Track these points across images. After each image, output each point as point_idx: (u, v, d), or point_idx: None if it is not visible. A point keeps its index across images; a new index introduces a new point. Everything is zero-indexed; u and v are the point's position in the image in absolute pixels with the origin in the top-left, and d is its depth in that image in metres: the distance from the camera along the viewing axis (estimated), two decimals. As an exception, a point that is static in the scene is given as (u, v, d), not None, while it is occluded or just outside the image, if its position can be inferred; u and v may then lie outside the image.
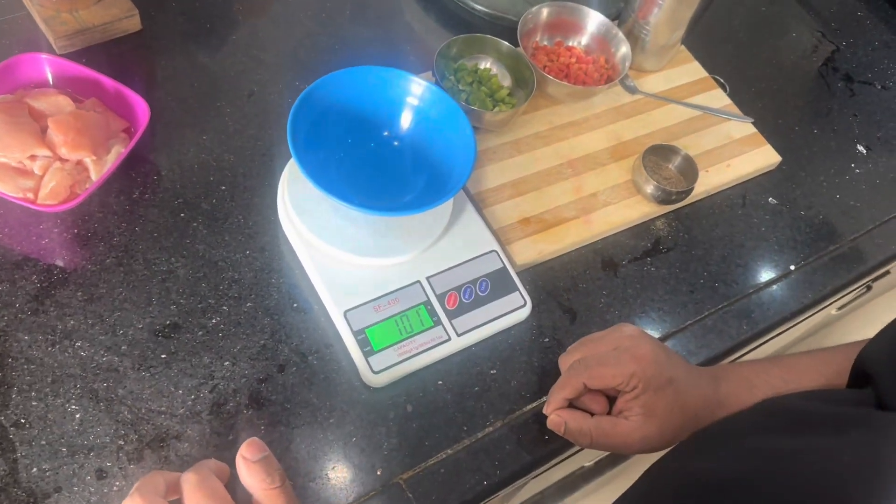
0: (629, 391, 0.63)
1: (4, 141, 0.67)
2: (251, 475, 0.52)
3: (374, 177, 0.76)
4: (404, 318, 0.71)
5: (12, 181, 0.67)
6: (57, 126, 0.69)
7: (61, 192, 0.68)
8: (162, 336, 0.67)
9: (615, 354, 0.65)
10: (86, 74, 0.75)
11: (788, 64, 1.09)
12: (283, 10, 0.92)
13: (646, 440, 0.63)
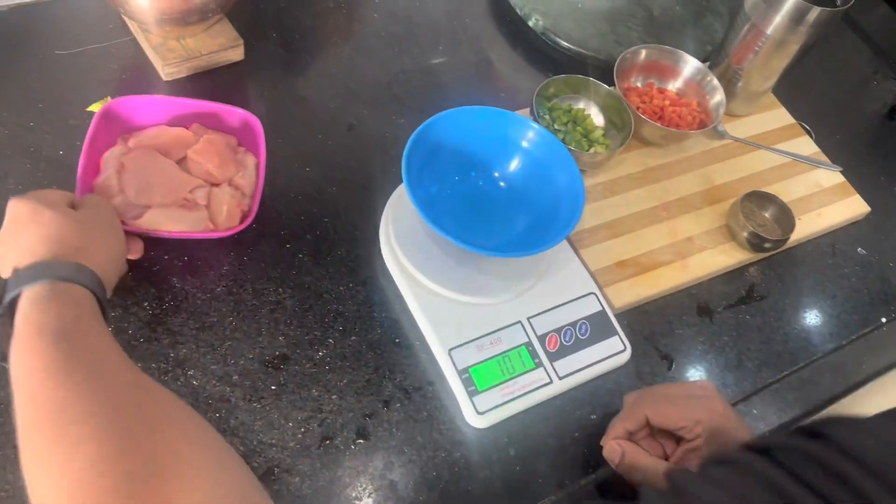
0: (691, 440, 0.62)
1: (166, 186, 0.69)
2: None
3: (479, 215, 0.76)
4: (506, 358, 0.71)
5: (188, 219, 0.69)
6: (199, 156, 0.71)
7: (235, 213, 0.70)
8: (272, 367, 0.68)
9: (685, 399, 0.64)
10: (178, 103, 0.76)
11: (869, 112, 1.09)
12: (377, 44, 0.94)
13: None
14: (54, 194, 0.61)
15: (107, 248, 0.61)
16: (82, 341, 0.50)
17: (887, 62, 1.16)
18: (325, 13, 0.95)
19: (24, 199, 0.59)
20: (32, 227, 0.57)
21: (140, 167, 0.70)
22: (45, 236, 0.57)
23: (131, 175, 0.70)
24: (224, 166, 0.72)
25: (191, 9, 0.78)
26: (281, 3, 0.94)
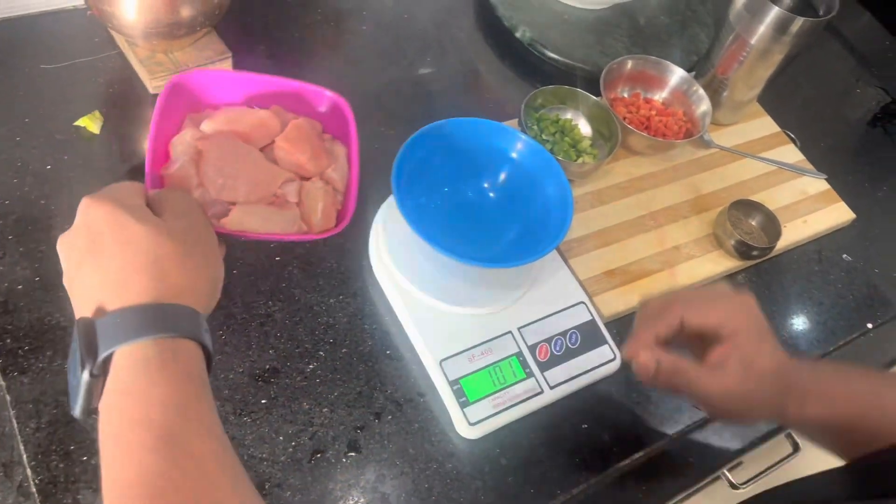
0: (727, 339, 0.58)
1: (252, 179, 0.57)
2: None
3: (469, 226, 0.76)
4: (497, 369, 0.71)
5: (279, 219, 0.58)
6: (289, 145, 0.60)
7: (330, 212, 0.60)
8: (262, 381, 0.68)
9: (725, 299, 0.60)
10: (255, 80, 0.64)
11: (854, 120, 1.10)
12: (366, 56, 0.94)
13: (744, 399, 0.58)
14: (131, 191, 0.50)
15: (208, 274, 0.51)
16: (184, 446, 0.42)
17: (870, 70, 1.17)
18: (312, 25, 0.95)
19: (102, 202, 0.47)
20: (119, 248, 0.46)
21: (220, 156, 0.58)
22: (138, 264, 0.46)
23: (210, 165, 0.58)
24: (317, 158, 0.61)
25: (178, 22, 0.78)
26: (269, 16, 0.94)
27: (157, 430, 0.42)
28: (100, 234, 0.47)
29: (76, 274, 0.47)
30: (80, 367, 0.43)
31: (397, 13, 0.99)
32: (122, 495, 0.41)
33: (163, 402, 0.42)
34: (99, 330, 0.44)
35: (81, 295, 0.47)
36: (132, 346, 0.43)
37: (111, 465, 0.42)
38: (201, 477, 0.42)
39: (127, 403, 0.43)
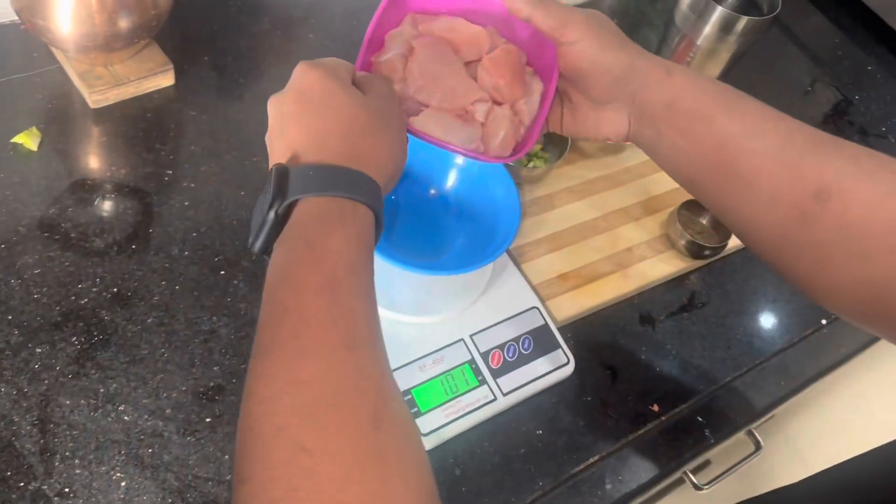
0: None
1: (450, 89, 0.59)
2: None
3: (418, 234, 0.75)
4: (449, 377, 0.70)
5: (461, 133, 0.60)
6: (493, 67, 0.61)
7: (509, 142, 0.61)
8: (206, 399, 0.66)
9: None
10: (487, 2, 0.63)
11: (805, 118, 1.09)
12: (314, 64, 0.93)
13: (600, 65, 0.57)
14: (343, 67, 0.54)
15: (395, 153, 0.54)
16: (342, 297, 0.45)
17: (822, 69, 1.18)
18: (260, 35, 0.94)
19: (316, 69, 0.52)
20: (323, 110, 0.50)
21: (428, 58, 0.60)
22: (337, 128, 0.50)
23: (417, 64, 0.60)
24: (514, 85, 0.61)
25: (115, 34, 0.76)
26: (214, 26, 0.93)
27: (324, 276, 0.45)
28: (309, 95, 0.51)
29: (280, 128, 0.52)
30: (269, 207, 0.47)
31: (346, 20, 0.98)
32: (279, 319, 0.44)
33: (334, 253, 0.46)
34: (292, 176, 0.48)
35: (281, 147, 0.51)
36: (318, 198, 0.47)
37: (274, 295, 0.45)
38: (349, 328, 0.44)
39: (302, 248, 0.46)
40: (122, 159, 0.79)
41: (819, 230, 0.51)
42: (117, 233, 0.74)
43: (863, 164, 0.50)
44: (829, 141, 0.52)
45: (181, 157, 0.80)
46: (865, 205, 0.49)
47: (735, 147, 0.54)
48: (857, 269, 0.50)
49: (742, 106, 0.56)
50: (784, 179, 0.52)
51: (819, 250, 0.52)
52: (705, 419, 0.76)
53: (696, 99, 0.56)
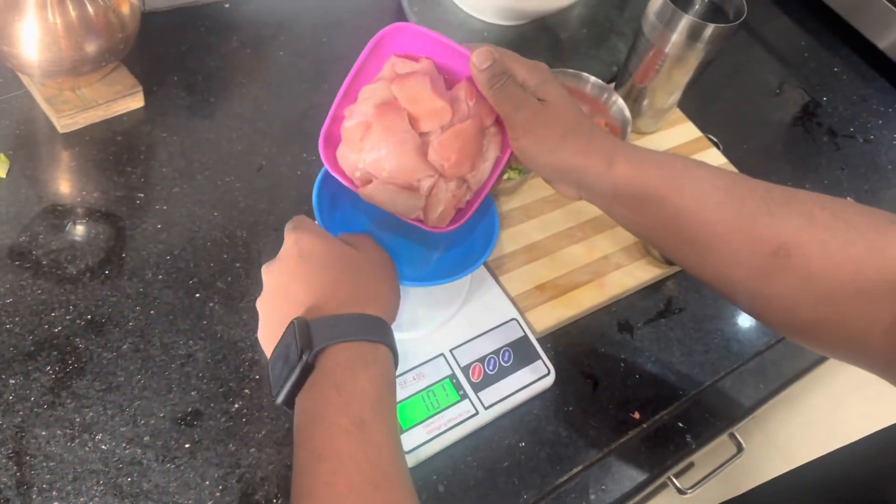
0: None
1: (397, 162, 0.62)
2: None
3: (395, 247, 0.75)
4: (430, 393, 0.70)
5: (402, 203, 0.65)
6: (442, 148, 0.63)
7: (448, 214, 0.67)
8: (185, 424, 0.65)
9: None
10: (460, 55, 0.64)
11: (775, 121, 1.12)
12: (285, 82, 0.92)
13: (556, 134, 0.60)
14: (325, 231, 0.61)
15: (394, 292, 0.61)
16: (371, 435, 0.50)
17: (789, 71, 1.20)
18: (229, 54, 0.93)
19: (308, 233, 0.58)
20: (329, 266, 0.57)
21: (384, 132, 0.62)
22: (345, 279, 0.56)
23: (372, 139, 0.63)
24: (462, 163, 0.64)
25: (82, 58, 0.75)
26: (182, 46, 0.92)
27: (353, 418, 0.49)
28: (310, 256, 0.57)
29: (284, 293, 0.57)
30: (298, 358, 0.51)
31: (315, 38, 0.98)
32: (315, 466, 0.48)
33: (361, 395, 0.50)
34: (314, 328, 0.52)
35: (289, 308, 0.55)
36: (343, 344, 0.52)
37: (308, 440, 0.50)
38: (378, 463, 0.49)
39: (332, 393, 0.50)
40: (93, 183, 0.78)
41: (783, 284, 0.54)
42: (90, 258, 0.73)
43: (817, 219, 0.53)
44: (781, 199, 0.55)
45: (153, 180, 0.80)
46: (825, 257, 0.52)
47: (690, 221, 0.57)
48: (822, 312, 0.53)
49: (692, 182, 0.58)
50: (742, 244, 0.55)
51: (786, 300, 0.55)
52: (686, 424, 0.77)
53: (644, 184, 0.58)
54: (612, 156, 0.59)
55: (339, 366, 0.51)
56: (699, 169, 0.59)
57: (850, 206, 0.55)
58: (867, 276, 0.51)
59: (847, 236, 0.52)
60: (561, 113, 0.60)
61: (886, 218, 0.53)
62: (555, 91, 0.60)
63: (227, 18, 0.96)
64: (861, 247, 0.51)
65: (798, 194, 0.55)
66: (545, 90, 0.60)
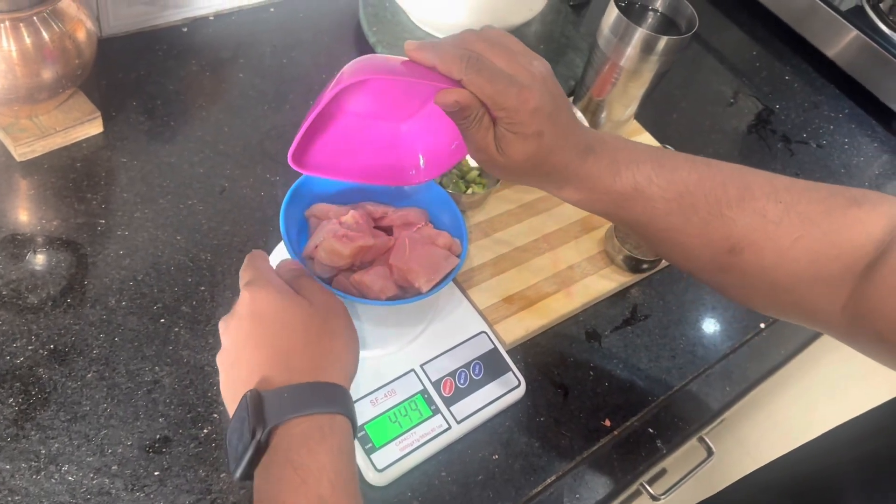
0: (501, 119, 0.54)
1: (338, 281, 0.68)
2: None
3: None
4: (402, 409, 0.70)
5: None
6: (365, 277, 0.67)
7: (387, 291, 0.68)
8: (153, 452, 0.64)
9: (510, 79, 0.53)
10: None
11: (730, 129, 1.15)
12: (246, 104, 0.92)
13: (492, 162, 0.57)
14: (281, 279, 0.58)
15: (351, 349, 0.57)
16: None
17: (742, 80, 1.23)
18: (188, 77, 0.93)
19: (262, 289, 0.55)
20: (280, 330, 0.53)
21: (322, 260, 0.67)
22: (298, 345, 0.53)
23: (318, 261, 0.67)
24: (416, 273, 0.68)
25: (39, 86, 0.75)
26: (140, 71, 0.91)
27: (312, 496, 0.47)
28: (263, 316, 0.54)
29: (237, 353, 0.54)
30: (251, 435, 0.48)
31: (276, 59, 0.98)
32: None
33: (318, 472, 0.48)
34: (267, 402, 0.50)
35: (244, 372, 0.53)
36: (297, 419, 0.49)
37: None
38: None
39: (288, 472, 0.48)
40: (53, 211, 0.77)
41: (739, 276, 0.57)
42: (51, 287, 0.72)
43: (769, 215, 0.55)
44: (735, 198, 0.56)
45: (114, 206, 0.79)
46: (778, 250, 0.54)
47: (649, 228, 0.60)
48: (782, 298, 0.56)
49: (641, 200, 0.58)
50: (695, 246, 0.58)
51: (744, 289, 0.58)
52: (656, 430, 0.78)
53: (592, 207, 0.61)
54: (561, 182, 0.59)
55: (295, 442, 0.49)
56: (650, 185, 0.58)
57: (805, 194, 0.56)
58: (823, 264, 0.53)
59: (800, 230, 0.54)
60: (519, 166, 0.56)
61: (843, 199, 0.55)
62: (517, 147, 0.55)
63: (185, 42, 0.96)
64: (815, 238, 0.54)
65: (754, 190, 0.57)
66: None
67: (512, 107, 0.52)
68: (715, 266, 0.58)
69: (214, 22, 0.99)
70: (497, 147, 0.56)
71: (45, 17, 0.72)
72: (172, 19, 0.97)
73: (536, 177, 0.59)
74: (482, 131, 0.55)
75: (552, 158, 0.56)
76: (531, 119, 0.53)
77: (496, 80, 0.52)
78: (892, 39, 1.18)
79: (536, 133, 0.54)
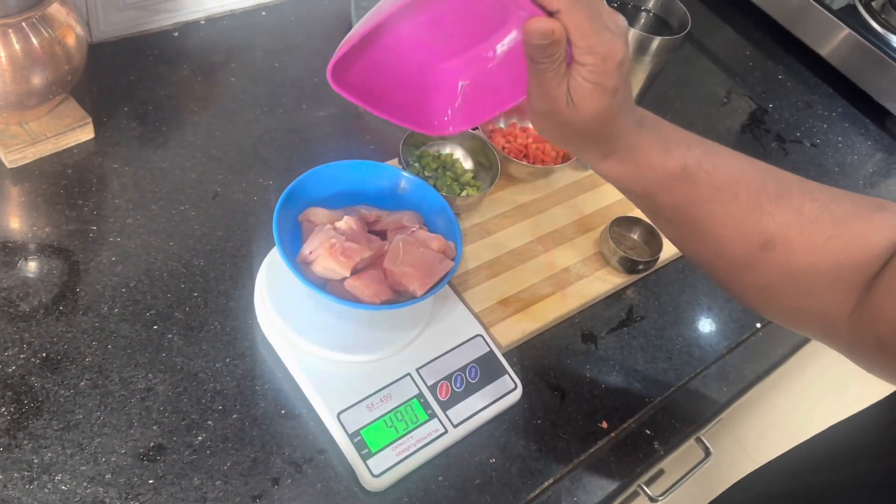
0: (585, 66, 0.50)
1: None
2: None
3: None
4: (398, 414, 0.70)
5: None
6: (353, 283, 0.69)
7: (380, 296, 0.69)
8: (147, 460, 0.64)
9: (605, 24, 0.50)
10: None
11: (723, 129, 1.15)
12: (239, 109, 0.92)
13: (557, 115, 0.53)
14: None
15: None
16: None
17: (736, 80, 1.23)
18: (180, 82, 0.93)
19: None
20: None
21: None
22: None
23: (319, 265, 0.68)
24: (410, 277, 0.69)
25: (29, 91, 0.74)
26: (131, 77, 0.91)
27: None
28: None
29: None
30: None
31: (267, 63, 0.98)
32: None
33: None
34: None
35: None
36: None
37: None
38: None
39: None
40: (44, 218, 0.76)
41: (765, 274, 0.56)
42: (43, 295, 0.71)
43: (805, 212, 0.54)
44: (773, 193, 0.55)
45: (106, 212, 0.78)
46: (809, 250, 0.54)
47: (686, 215, 0.58)
48: (800, 302, 0.56)
49: (684, 183, 0.57)
50: (730, 238, 0.56)
51: (766, 289, 0.57)
52: (653, 431, 0.77)
53: (630, 184, 0.58)
54: (610, 150, 0.56)
55: None
56: (699, 169, 0.56)
57: (839, 195, 0.56)
58: (846, 266, 0.53)
59: (832, 229, 0.53)
60: (583, 123, 0.53)
61: (873, 204, 0.55)
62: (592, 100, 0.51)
63: (177, 47, 0.96)
64: (845, 238, 0.53)
65: (791, 187, 0.56)
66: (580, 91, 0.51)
67: (603, 53, 0.49)
68: (744, 262, 0.57)
69: (206, 26, 0.99)
70: (568, 99, 0.51)
71: (34, 22, 0.72)
72: (163, 24, 0.97)
73: (591, 140, 0.55)
74: (558, 77, 0.50)
75: (615, 121, 0.53)
76: (616, 71, 0.50)
77: (595, 19, 0.48)
78: (884, 38, 1.18)
79: (614, 89, 0.51)
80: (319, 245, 0.68)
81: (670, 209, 0.58)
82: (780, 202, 0.55)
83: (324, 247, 0.67)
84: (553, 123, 0.54)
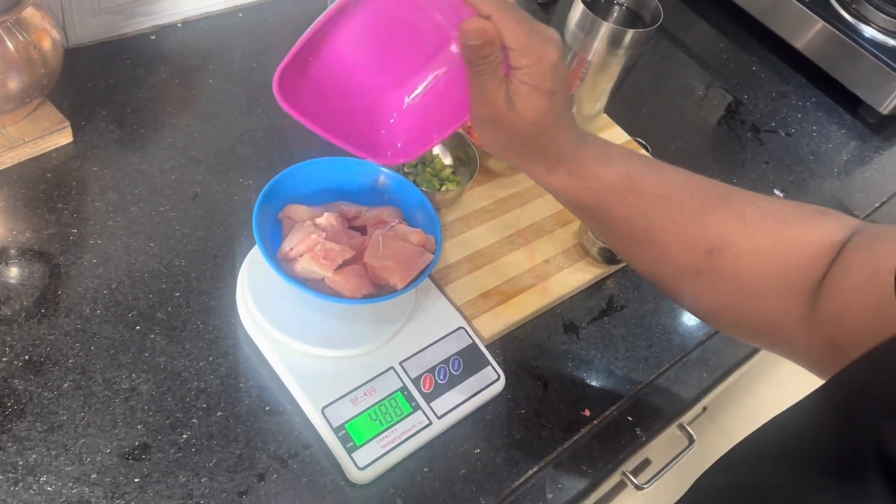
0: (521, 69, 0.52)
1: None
2: None
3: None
4: (383, 407, 0.70)
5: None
6: (338, 279, 0.69)
7: (361, 290, 0.70)
8: (132, 459, 0.64)
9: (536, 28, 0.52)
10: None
11: (699, 121, 1.16)
12: (217, 110, 0.92)
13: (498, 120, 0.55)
14: None
15: None
16: None
17: (711, 73, 1.24)
18: (158, 84, 0.93)
19: None
20: None
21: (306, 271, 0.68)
22: None
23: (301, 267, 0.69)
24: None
25: (5, 96, 0.74)
26: (109, 80, 0.91)
27: None
28: None
29: None
30: None
31: (245, 64, 0.98)
32: None
33: None
34: None
35: None
36: None
37: None
38: None
39: None
40: (24, 223, 0.76)
41: (712, 280, 0.58)
42: (24, 298, 0.71)
43: (748, 217, 0.56)
44: (717, 202, 0.57)
45: (86, 215, 0.78)
46: (754, 253, 0.55)
47: (631, 226, 0.60)
48: (748, 307, 0.57)
49: (631, 195, 0.59)
50: (675, 246, 0.58)
51: (713, 295, 0.59)
52: (635, 418, 0.78)
53: (577, 197, 0.60)
54: (554, 163, 0.58)
55: None
56: (642, 179, 0.58)
57: (779, 202, 0.58)
58: (791, 269, 0.54)
59: (776, 233, 0.55)
60: (525, 127, 0.55)
61: (814, 210, 0.57)
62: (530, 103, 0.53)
63: (154, 50, 0.96)
64: (789, 241, 0.54)
65: (732, 195, 0.58)
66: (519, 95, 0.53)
67: (536, 56, 0.51)
68: (690, 269, 0.58)
69: (182, 29, 0.99)
70: (508, 102, 0.53)
71: (9, 26, 0.72)
72: (140, 27, 0.97)
73: (535, 149, 0.57)
74: (495, 81, 0.52)
75: (555, 129, 0.55)
76: (552, 73, 0.52)
77: (524, 23, 0.51)
78: (855, 28, 1.20)
79: (551, 91, 0.53)
80: (300, 242, 0.68)
81: (617, 221, 0.60)
82: (724, 209, 0.57)
83: (305, 248, 0.68)
84: (496, 130, 0.56)
